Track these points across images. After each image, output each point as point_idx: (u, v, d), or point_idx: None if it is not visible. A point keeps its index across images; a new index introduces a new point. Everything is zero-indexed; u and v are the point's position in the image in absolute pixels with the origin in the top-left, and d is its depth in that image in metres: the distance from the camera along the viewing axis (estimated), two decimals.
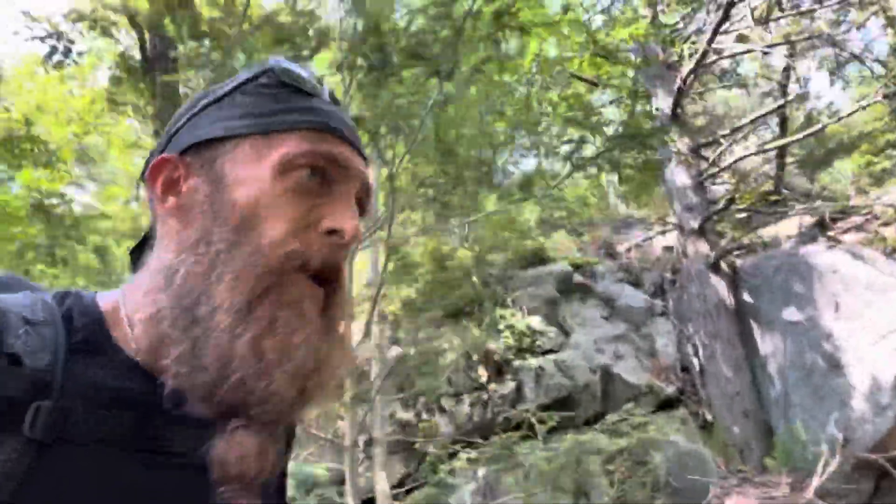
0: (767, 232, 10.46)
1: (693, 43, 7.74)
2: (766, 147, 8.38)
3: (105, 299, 0.67)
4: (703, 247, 8.01)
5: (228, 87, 0.70)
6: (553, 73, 6.63)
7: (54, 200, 8.59)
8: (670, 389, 7.48)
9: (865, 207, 8.86)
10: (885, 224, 8.54)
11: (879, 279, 6.39)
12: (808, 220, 10.02)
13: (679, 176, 8.53)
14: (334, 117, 0.70)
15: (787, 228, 10.61)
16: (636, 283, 9.21)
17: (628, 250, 10.80)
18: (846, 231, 9.17)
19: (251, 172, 0.65)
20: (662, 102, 8.87)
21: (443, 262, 8.28)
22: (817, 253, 6.96)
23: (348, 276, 0.70)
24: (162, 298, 0.62)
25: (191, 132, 0.69)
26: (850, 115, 7.72)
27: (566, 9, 5.77)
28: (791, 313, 7.11)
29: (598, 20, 8.48)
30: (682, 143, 8.64)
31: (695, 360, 7.79)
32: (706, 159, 9.22)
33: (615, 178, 14.69)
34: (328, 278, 0.65)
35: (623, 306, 8.59)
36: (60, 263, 8.42)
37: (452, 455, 6.38)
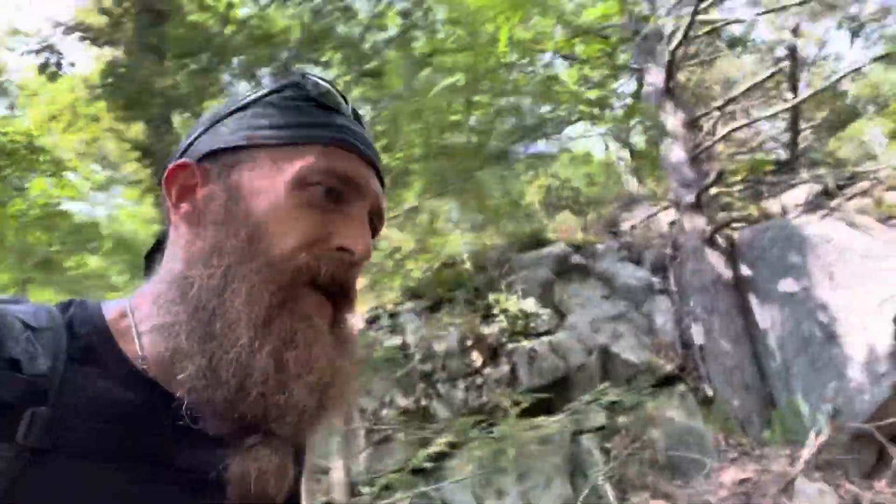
0: (777, 202, 10.29)
1: (678, 18, 7.62)
2: (763, 116, 8.21)
3: (111, 308, 0.66)
4: (700, 222, 7.93)
5: (253, 96, 0.70)
6: (529, 56, 6.62)
7: (65, 207, 8.91)
8: (670, 366, 7.47)
9: (871, 173, 8.65)
10: (891, 188, 8.32)
11: (875, 247, 6.27)
12: (817, 188, 9.82)
13: (674, 151, 8.44)
14: (355, 135, 0.70)
15: (798, 198, 10.41)
16: (637, 262, 9.16)
17: (633, 228, 10.72)
18: (851, 198, 8.97)
19: (267, 184, 0.65)
20: (655, 77, 8.76)
21: (432, 248, 8.36)
22: (811, 223, 6.85)
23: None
24: (177, 311, 0.61)
25: (211, 139, 0.69)
26: (842, 77, 7.49)
27: None
28: (787, 285, 7.03)
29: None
30: (676, 118, 8.53)
31: (694, 336, 7.76)
32: (707, 131, 9.10)
33: (627, 153, 14.57)
34: (338, 294, 0.66)
35: (623, 285, 8.57)
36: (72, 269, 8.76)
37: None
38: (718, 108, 8.40)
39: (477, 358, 6.77)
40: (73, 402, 0.56)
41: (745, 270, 7.67)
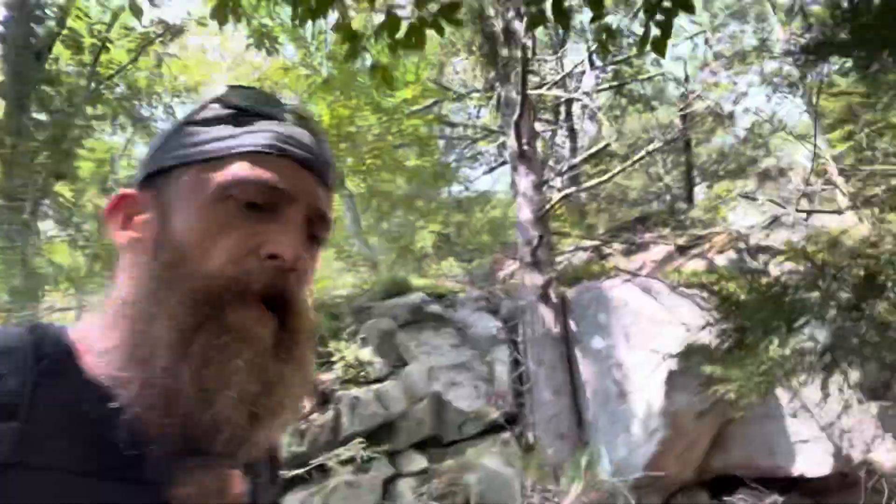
0: (642, 258, 10.99)
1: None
2: (597, 182, 8.92)
3: (75, 330, 0.67)
4: (537, 278, 8.55)
5: (186, 116, 0.72)
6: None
7: None
8: (498, 414, 8.00)
9: (714, 234, 9.38)
10: (721, 251, 9.05)
11: (660, 313, 6.91)
12: (669, 247, 10.54)
13: (523, 210, 9.09)
14: (287, 139, 0.69)
15: (657, 255, 11.13)
16: (495, 312, 9.74)
17: (510, 276, 11.34)
18: (693, 258, 9.68)
19: (190, 203, 0.66)
20: (512, 141, 9.45)
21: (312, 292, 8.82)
22: (615, 286, 7.50)
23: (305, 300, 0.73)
24: (113, 337, 0.63)
25: (149, 165, 0.71)
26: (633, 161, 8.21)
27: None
28: (597, 342, 7.65)
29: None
30: (527, 180, 9.20)
31: (524, 386, 8.33)
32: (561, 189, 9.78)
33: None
34: (280, 305, 0.65)
35: (474, 335, 9.12)
36: None
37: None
38: (559, 174, 9.08)
39: (307, 405, 7.22)
40: (41, 419, 0.57)
41: (572, 326, 8.30)
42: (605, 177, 8.47)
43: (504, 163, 12.92)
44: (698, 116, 10.43)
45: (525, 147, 9.31)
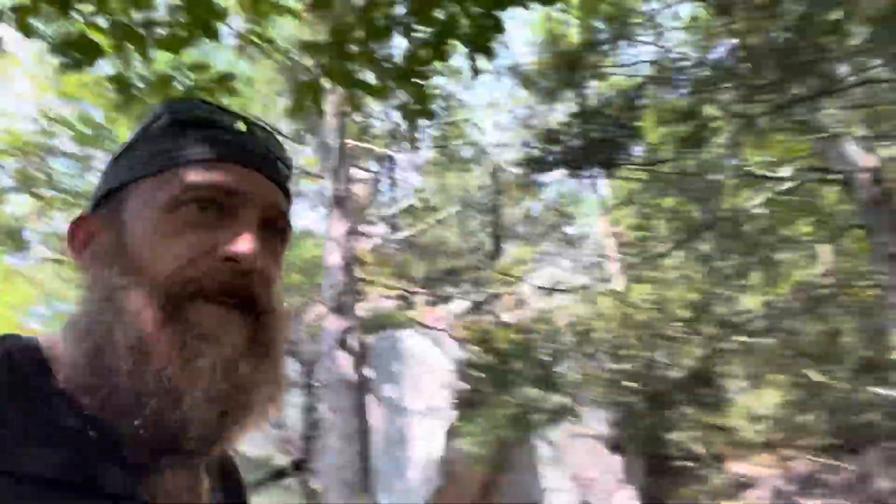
0: (438, 311, 11.57)
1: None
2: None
3: (45, 341, 0.68)
4: (338, 323, 8.66)
5: (134, 134, 0.73)
6: None
7: None
8: (285, 460, 7.87)
9: (505, 294, 10.20)
10: (509, 310, 9.87)
11: (447, 365, 7.34)
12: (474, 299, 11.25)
13: (333, 255, 9.22)
14: (239, 147, 0.70)
15: (457, 308, 11.80)
16: (294, 354, 9.66)
17: (315, 320, 11.33)
18: (486, 314, 10.44)
19: (143, 214, 0.67)
20: (329, 185, 9.63)
21: None
22: (410, 336, 7.84)
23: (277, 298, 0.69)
24: (78, 350, 0.63)
25: (102, 186, 0.72)
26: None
27: None
28: (388, 390, 7.89)
29: None
30: (339, 225, 9.38)
31: (314, 432, 8.30)
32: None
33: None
34: (246, 305, 0.66)
35: None
36: None
37: None
38: (375, 222, 9.38)
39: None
40: (10, 429, 0.57)
41: (369, 374, 8.48)
42: (416, 229, 8.87)
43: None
44: (505, 183, 11.36)
45: (340, 193, 9.51)
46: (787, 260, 9.46)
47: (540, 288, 9.78)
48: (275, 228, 0.71)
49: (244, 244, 0.65)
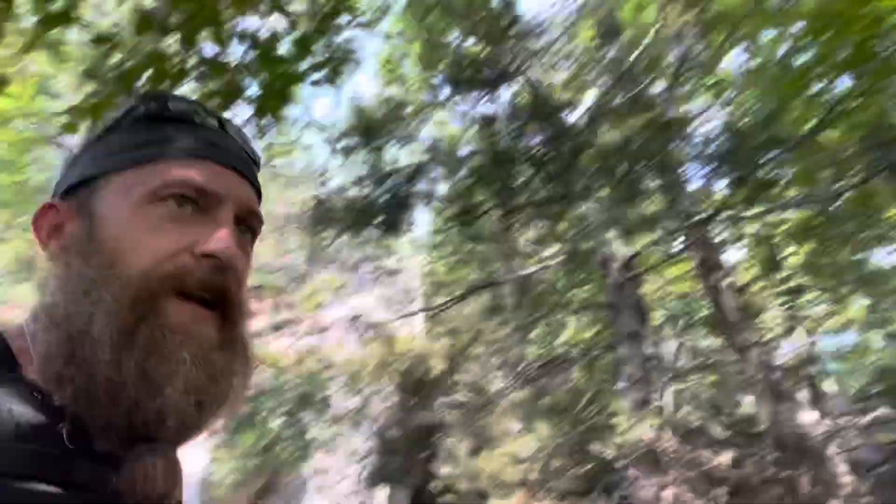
0: None
1: None
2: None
3: (11, 332, 0.67)
4: None
5: (107, 124, 0.73)
6: None
7: None
8: None
9: (301, 319, 10.27)
10: (304, 336, 10.00)
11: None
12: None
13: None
14: (214, 145, 0.71)
15: (256, 328, 11.65)
16: None
17: None
18: (284, 336, 10.46)
19: (120, 207, 0.67)
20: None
21: None
22: None
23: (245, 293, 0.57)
24: (50, 340, 0.63)
25: (72, 174, 0.72)
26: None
27: None
28: None
29: None
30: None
31: None
32: None
33: None
34: (219, 301, 0.66)
35: None
36: None
37: None
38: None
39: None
40: None
41: None
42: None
43: None
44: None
45: None
46: (562, 321, 10.62)
47: (338, 319, 9.98)
48: (247, 226, 0.73)
49: (223, 242, 0.66)
